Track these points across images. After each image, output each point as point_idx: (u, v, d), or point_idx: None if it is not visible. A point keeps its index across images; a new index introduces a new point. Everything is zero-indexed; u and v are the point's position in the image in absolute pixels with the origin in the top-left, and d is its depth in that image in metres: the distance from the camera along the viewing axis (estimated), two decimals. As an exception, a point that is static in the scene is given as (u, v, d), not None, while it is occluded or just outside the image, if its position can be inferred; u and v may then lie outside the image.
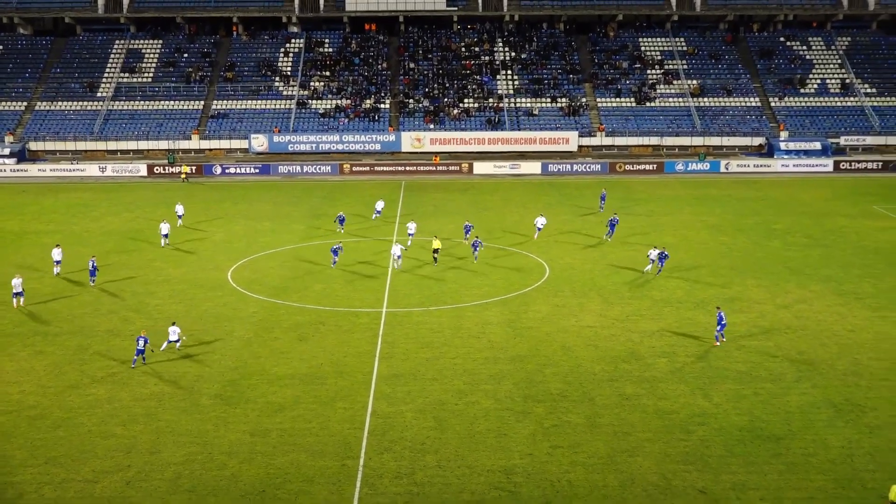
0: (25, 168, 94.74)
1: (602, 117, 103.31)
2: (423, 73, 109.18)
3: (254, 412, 37.25)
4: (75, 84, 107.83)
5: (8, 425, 36.25)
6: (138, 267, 58.52)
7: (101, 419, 36.77)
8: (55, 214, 75.44)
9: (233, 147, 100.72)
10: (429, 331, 46.37)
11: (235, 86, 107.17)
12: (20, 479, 32.10)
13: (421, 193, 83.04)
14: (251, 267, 58.55)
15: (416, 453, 33.73)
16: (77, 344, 45.13)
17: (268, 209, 76.52)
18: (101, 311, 50.01)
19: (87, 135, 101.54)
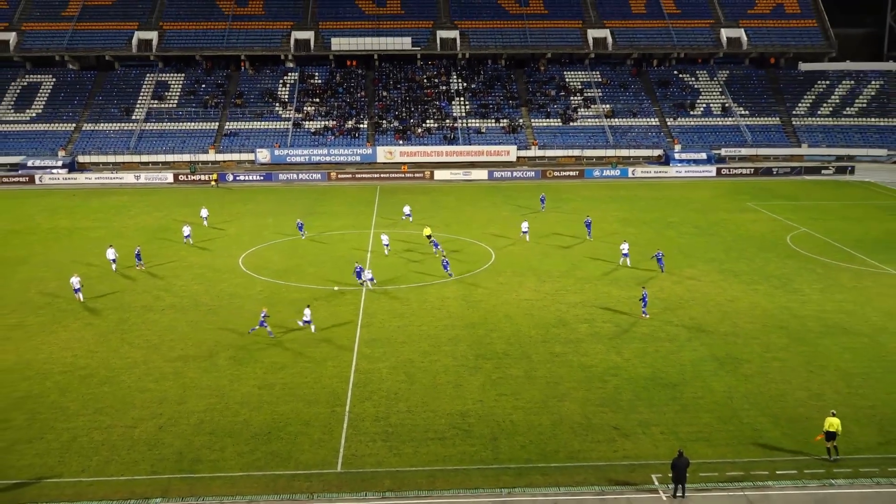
0: (75, 176, 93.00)
1: (535, 134, 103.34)
2: (394, 99, 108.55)
3: (261, 370, 37.01)
4: (114, 109, 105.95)
5: (64, 382, 35.79)
6: (166, 255, 57.79)
7: (138, 377, 36.39)
8: (99, 214, 74.26)
9: (242, 159, 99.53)
10: (400, 304, 46.25)
11: (244, 110, 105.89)
12: (74, 425, 31.71)
13: (393, 195, 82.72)
14: (258, 255, 58.06)
15: (391, 401, 33.68)
16: (118, 317, 44.57)
17: (270, 209, 75.81)
18: (136, 290, 49.38)
19: (124, 150, 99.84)
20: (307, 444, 30.16)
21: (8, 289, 49.59)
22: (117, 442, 30.42)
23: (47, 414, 32.71)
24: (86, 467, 28.68)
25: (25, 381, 35.97)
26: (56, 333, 41.85)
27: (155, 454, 29.55)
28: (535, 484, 27.72)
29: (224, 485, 27.67)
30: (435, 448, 29.90)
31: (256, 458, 29.25)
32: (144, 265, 53.99)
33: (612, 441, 30.41)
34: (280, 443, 30.30)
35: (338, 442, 30.31)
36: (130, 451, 29.78)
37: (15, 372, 36.94)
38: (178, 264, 55.14)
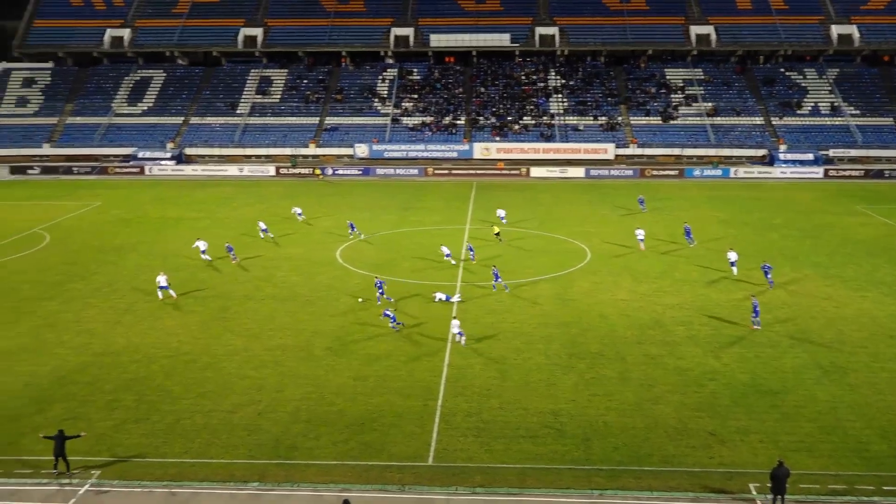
0: (182, 168, 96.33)
1: (634, 132, 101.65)
2: (491, 96, 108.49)
3: (356, 361, 37.57)
4: (220, 103, 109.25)
5: (169, 367, 37.13)
6: (266, 246, 59.24)
7: (238, 364, 37.43)
8: (204, 204, 76.67)
9: (341, 153, 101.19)
10: (493, 301, 46.23)
11: (344, 105, 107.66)
12: (178, 408, 32.87)
13: (488, 191, 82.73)
14: (354, 248, 58.92)
15: (483, 397, 33.72)
16: (220, 305, 45.93)
17: (367, 203, 76.85)
18: (238, 280, 50.79)
19: (228, 143, 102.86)
20: (399, 437, 30.47)
21: (120, 275, 51.71)
22: (218, 426, 31.38)
23: (153, 396, 34.00)
24: (188, 449, 29.70)
25: (134, 363, 37.49)
26: (162, 319, 43.43)
27: (253, 439, 30.35)
28: (627, 487, 27.32)
29: (318, 472, 28.23)
30: (526, 446, 29.79)
31: (350, 448, 29.72)
32: (238, 258, 55.32)
33: (708, 447, 29.70)
34: (373, 434, 30.70)
35: (430, 435, 30.52)
36: (230, 435, 30.68)
37: (125, 355, 38.54)
38: (276, 255, 56.44)
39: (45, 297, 47.57)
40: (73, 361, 37.88)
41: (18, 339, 40.77)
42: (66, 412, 32.55)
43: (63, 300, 47.13)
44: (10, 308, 45.69)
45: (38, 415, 32.28)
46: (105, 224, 67.80)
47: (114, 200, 79.08)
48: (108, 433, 30.81)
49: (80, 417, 32.06)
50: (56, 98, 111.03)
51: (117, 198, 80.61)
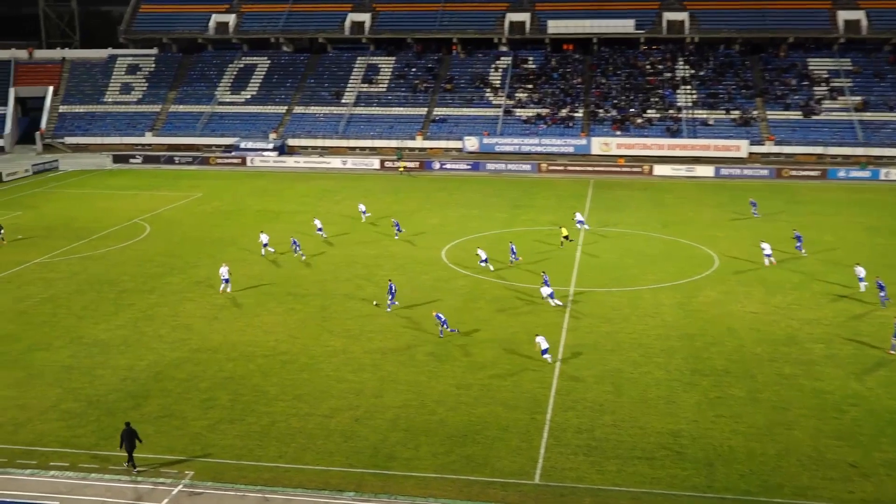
0: (284, 160, 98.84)
1: (771, 128, 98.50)
2: (612, 87, 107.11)
3: (459, 368, 37.67)
4: (325, 92, 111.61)
5: (266, 366, 38.11)
6: (368, 243, 60.10)
7: (336, 366, 38.08)
8: (306, 197, 78.44)
9: (449, 147, 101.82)
10: (609, 309, 45.62)
11: (453, 95, 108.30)
12: (274, 410, 33.67)
13: (607, 190, 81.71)
14: (461, 247, 59.13)
15: (595, 413, 33.27)
16: (320, 304, 46.86)
17: (476, 199, 77.06)
18: (339, 278, 51.71)
19: (332, 134, 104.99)
20: (504, 451, 30.38)
21: (217, 269, 53.40)
22: (314, 430, 32.00)
23: (249, 396, 34.96)
24: (283, 453, 30.39)
25: (230, 362, 38.66)
26: (260, 317, 44.64)
27: (350, 446, 30.82)
28: (754, 519, 26.45)
29: (417, 485, 28.42)
30: (642, 468, 29.23)
31: (451, 461, 29.81)
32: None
33: (847, 480, 28.46)
34: (476, 447, 30.71)
35: (537, 452, 30.31)
36: (326, 441, 31.24)
37: (221, 352, 39.79)
38: (379, 253, 57.17)
39: (144, 290, 49.60)
40: (169, 357, 39.35)
41: (117, 332, 42.66)
42: (162, 409, 33.83)
43: (161, 293, 49.04)
44: (110, 300, 47.85)
45: (134, 410, 33.65)
46: (205, 216, 70.20)
47: (214, 191, 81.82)
48: (202, 433, 31.85)
49: (174, 415, 33.26)
50: (160, 85, 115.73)
51: (218, 189, 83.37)
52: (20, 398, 34.95)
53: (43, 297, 48.49)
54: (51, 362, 38.82)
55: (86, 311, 46.11)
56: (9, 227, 65.92)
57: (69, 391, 35.62)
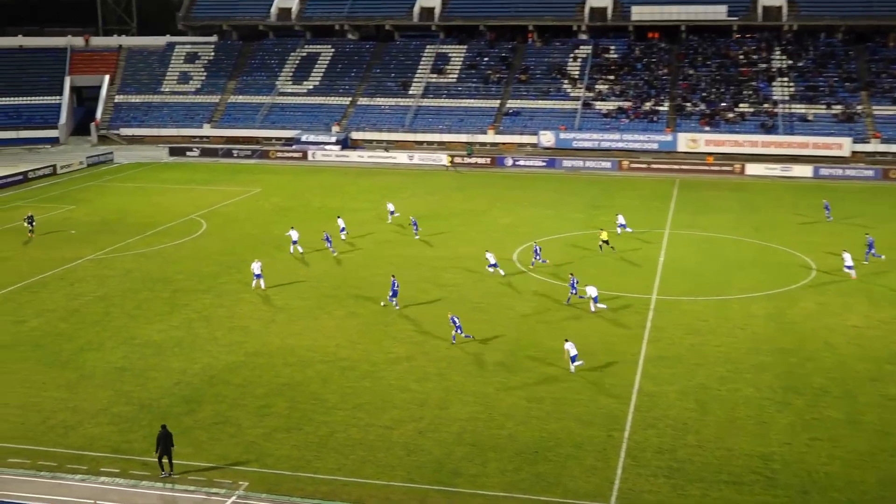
0: (347, 154, 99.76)
1: (877, 125, 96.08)
2: (701, 78, 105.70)
3: (531, 380, 37.57)
4: (391, 83, 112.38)
5: (325, 373, 38.52)
6: (435, 244, 60.31)
7: (399, 374, 38.29)
8: (369, 194, 79.07)
9: (523, 142, 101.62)
10: (695, 319, 45.02)
11: (528, 87, 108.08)
12: (332, 420, 34.01)
13: (693, 191, 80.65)
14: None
15: (678, 432, 32.86)
16: (382, 308, 47.16)
17: (551, 199, 76.79)
18: (402, 280, 51.90)
19: (398, 127, 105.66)
20: (578, 471, 30.19)
21: (274, 269, 54.16)
22: (374, 442, 32.23)
23: (307, 404, 35.37)
24: (341, 465, 30.67)
25: (288, 367, 39.17)
26: (320, 320, 45.14)
27: (413, 460, 30.96)
28: (852, 553, 25.82)
29: (484, 503, 28.42)
30: (729, 493, 28.76)
31: (521, 479, 29.73)
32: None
33: (959, 514, 27.64)
34: (547, 464, 30.58)
35: (613, 472, 30.06)
36: (387, 453, 31.43)
37: (278, 357, 40.35)
38: (445, 254, 57.35)
39: (199, 289, 50.58)
40: (224, 360, 40.04)
41: (171, 333, 43.57)
42: (216, 415, 34.43)
43: (217, 293, 49.93)
44: (164, 299, 48.91)
45: (187, 416, 34.33)
46: (264, 212, 71.27)
47: (274, 187, 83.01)
48: (257, 441, 32.32)
49: (229, 422, 33.82)
50: (219, 75, 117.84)
51: (278, 184, 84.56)
52: (71, 400, 35.91)
53: (96, 296, 49.76)
54: (103, 363, 39.82)
55: (139, 310, 47.20)
56: (62, 221, 67.88)
57: (121, 394, 36.49)
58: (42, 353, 41.18)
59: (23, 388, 37.07)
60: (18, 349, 41.63)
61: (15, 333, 43.75)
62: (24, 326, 44.77)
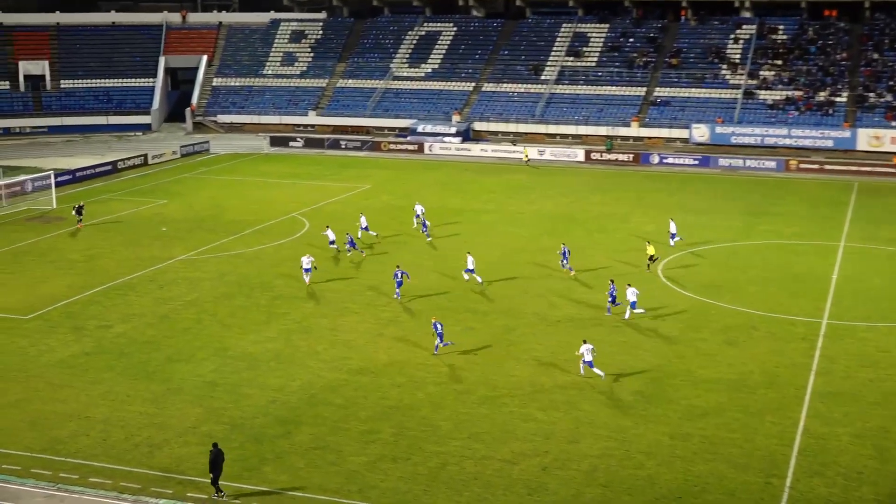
0: (469, 147, 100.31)
1: None
2: (888, 64, 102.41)
3: (675, 414, 37.04)
4: (521, 66, 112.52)
5: (438, 396, 38.81)
6: (570, 253, 60.02)
7: (522, 401, 38.27)
8: (493, 194, 79.30)
9: (672, 136, 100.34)
10: (875, 349, 43.63)
11: (679, 72, 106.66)
12: (445, 450, 34.20)
13: (875, 197, 78.14)
14: (683, 261, 58.14)
15: (851, 482, 31.88)
16: (504, 324, 47.27)
17: (704, 203, 75.58)
18: (529, 293, 51.97)
19: (528, 117, 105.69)
20: (729, 522, 29.68)
21: (384, 277, 54.81)
22: (492, 478, 32.28)
23: (417, 431, 35.69)
24: (455, 502, 30.80)
25: (396, 388, 39.60)
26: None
27: (535, 500, 30.87)
28: None
29: (617, 555, 28.19)
30: (911, 558, 27.79)
31: (661, 529, 29.38)
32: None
33: None
34: (693, 513, 30.16)
35: (771, 526, 29.44)
36: (507, 491, 31.44)
37: (386, 376, 40.84)
38: (581, 265, 56.84)
39: (299, 297, 51.66)
40: (326, 378, 40.75)
41: (268, 345, 44.61)
42: (315, 439, 35.06)
43: (319, 302, 50.88)
44: (261, 307, 50.13)
45: (283, 439, 35.07)
46: (373, 212, 72.13)
47: (385, 183, 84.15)
48: (360, 471, 32.78)
49: (329, 447, 34.39)
50: (327, 56, 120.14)
51: (389, 180, 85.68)
52: (158, 416, 37.12)
53: (186, 300, 51.36)
54: (192, 376, 41.04)
55: (233, 318, 48.50)
56: (152, 217, 70.26)
57: (211, 411, 37.52)
58: (127, 362, 42.74)
59: (106, 401, 38.52)
60: (102, 357, 43.30)
61: (99, 339, 45.53)
62: (109, 332, 46.55)
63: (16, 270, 57.25)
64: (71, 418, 36.84)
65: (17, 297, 51.93)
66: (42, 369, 41.85)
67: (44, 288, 53.63)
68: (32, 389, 39.65)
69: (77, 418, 36.84)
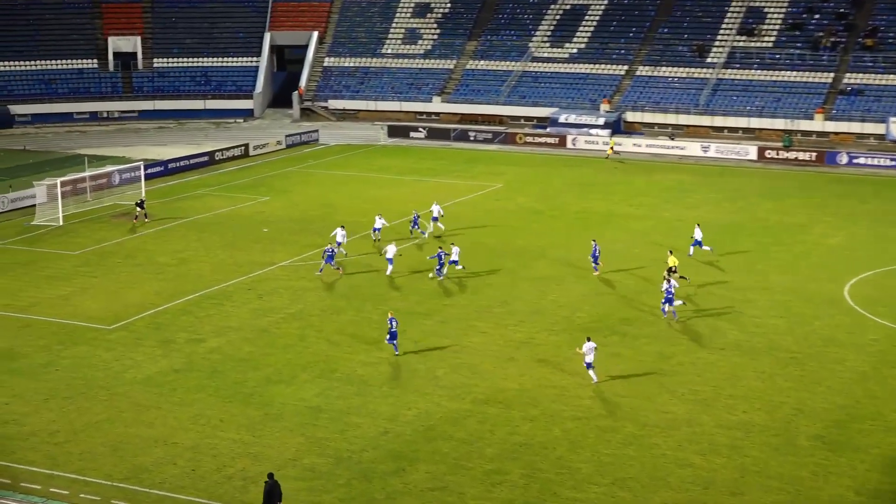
0: (619, 141, 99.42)
1: None
2: None
3: (863, 465, 36.10)
4: (683, 46, 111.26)
5: (576, 433, 38.55)
6: (734, 268, 59.17)
7: (677, 443, 37.77)
8: (646, 197, 78.66)
9: (864, 132, 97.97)
10: None
11: (876, 55, 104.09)
12: (585, 497, 33.98)
13: None
14: (876, 283, 56.71)
15: None
16: (657, 351, 46.79)
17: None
18: (686, 314, 51.27)
19: (690, 107, 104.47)
20: None
21: (518, 291, 54.81)
22: (640, 532, 31.98)
23: (550, 473, 35.52)
24: (595, 560, 30.64)
25: (528, 422, 39.48)
26: (572, 361, 45.14)
27: (691, 562, 30.49)
28: None
29: None
30: None
31: None
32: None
33: None
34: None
35: None
36: (657, 549, 31.11)
37: (516, 408, 40.76)
38: (751, 284, 56.12)
39: (418, 312, 51.96)
40: (446, 407, 40.87)
41: (380, 367, 45.02)
42: (432, 479, 35.19)
43: (441, 318, 51.10)
44: (374, 322, 50.39)
45: (395, 477, 35.28)
46: (505, 215, 72.28)
47: (520, 182, 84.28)
48: (484, 517, 32.84)
49: (448, 489, 34.48)
50: (455, 33, 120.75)
51: (525, 179, 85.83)
52: (253, 444, 37.73)
53: (289, 313, 52.19)
54: (294, 400, 41.63)
55: (342, 335, 49.07)
56: (253, 216, 71.53)
57: (314, 442, 37.97)
58: (221, 381, 43.62)
59: (196, 426, 39.34)
60: (193, 375, 44.30)
61: (190, 355, 46.61)
62: (201, 347, 47.63)
63: (99, 273, 59.11)
64: (157, 444, 37.73)
65: (101, 304, 53.57)
66: (126, 387, 43.00)
67: (129, 294, 55.22)
68: (115, 410, 40.76)
69: (163, 444, 37.72)
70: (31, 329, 50.00)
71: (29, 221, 70.26)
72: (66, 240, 66.17)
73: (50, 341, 48.25)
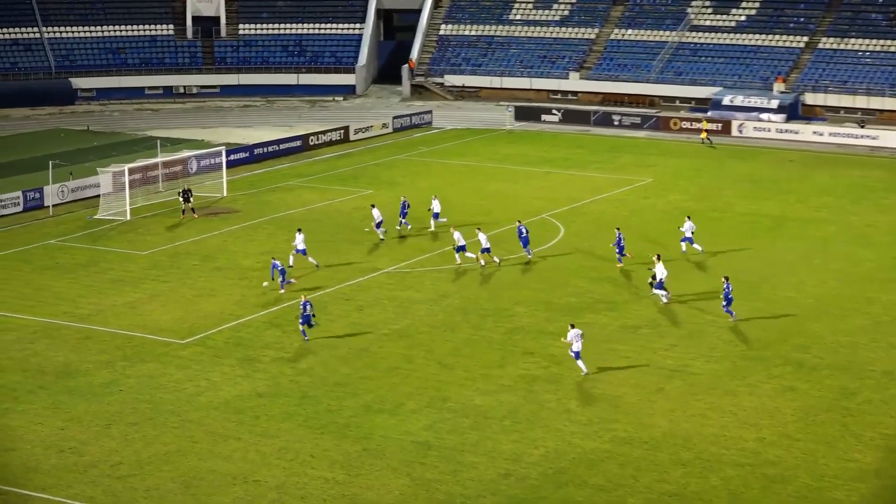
0: (796, 129, 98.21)
1: None
2: None
3: None
4: (877, 14, 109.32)
5: (738, 482, 37.92)
6: None
7: (863, 498, 37.00)
8: (829, 198, 77.50)
9: None
10: None
11: None
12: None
13: None
14: None
15: None
16: (840, 385, 45.94)
17: None
18: (879, 342, 50.36)
19: (885, 88, 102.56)
20: None
21: (670, 307, 54.25)
22: None
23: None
24: None
25: (679, 467, 38.97)
26: (736, 396, 44.60)
27: None
28: None
29: None
30: None
31: None
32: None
33: None
34: None
35: None
36: None
37: (665, 449, 40.28)
38: None
39: (549, 331, 51.51)
40: (580, 447, 40.53)
41: (502, 396, 44.68)
42: (562, 532, 35.02)
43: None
44: (495, 342, 50.57)
45: (517, 528, 35.19)
46: (655, 215, 71.67)
47: (674, 176, 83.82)
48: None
49: (582, 546, 34.28)
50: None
51: (680, 172, 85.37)
52: (350, 485, 37.73)
53: (393, 329, 52.31)
54: (398, 434, 41.60)
55: (456, 356, 49.04)
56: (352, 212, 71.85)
57: (422, 484, 37.89)
58: (312, 409, 43.81)
59: (282, 461, 39.48)
60: (279, 401, 44.55)
61: (276, 377, 46.90)
62: (289, 368, 47.95)
63: (173, 278, 59.83)
64: (236, 481, 37.91)
65: (174, 315, 54.23)
66: (201, 413, 43.35)
67: (207, 303, 55.84)
68: (188, 439, 41.08)
69: (244, 482, 37.89)
70: (92, 342, 50.81)
71: (91, 215, 71.41)
72: (133, 237, 67.21)
73: (113, 356, 48.97)
